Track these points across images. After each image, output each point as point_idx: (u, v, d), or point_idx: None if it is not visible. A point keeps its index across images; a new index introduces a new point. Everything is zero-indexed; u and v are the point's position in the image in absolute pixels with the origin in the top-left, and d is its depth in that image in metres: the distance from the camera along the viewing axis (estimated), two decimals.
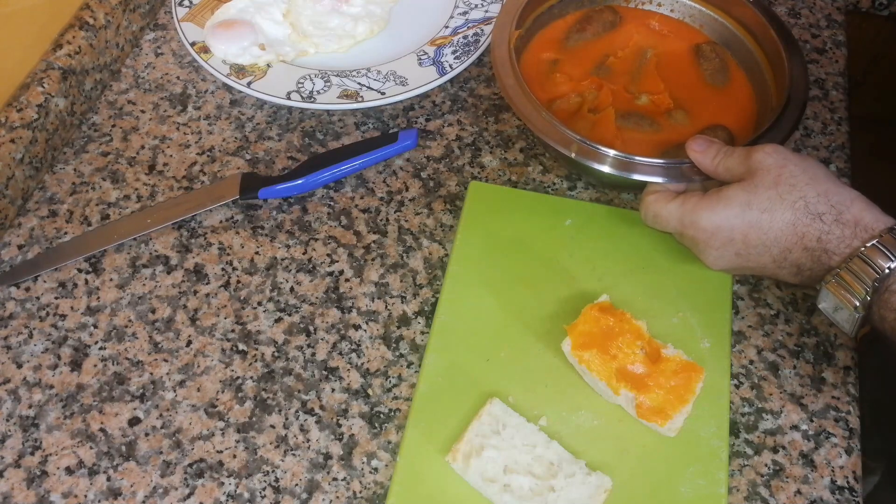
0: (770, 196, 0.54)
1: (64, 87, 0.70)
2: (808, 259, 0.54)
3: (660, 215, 0.59)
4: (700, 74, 0.71)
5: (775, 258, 0.55)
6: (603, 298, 0.59)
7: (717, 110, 0.69)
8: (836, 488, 0.55)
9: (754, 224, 0.54)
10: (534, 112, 0.63)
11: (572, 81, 0.70)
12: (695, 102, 0.69)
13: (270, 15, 0.79)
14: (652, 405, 0.54)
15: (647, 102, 0.69)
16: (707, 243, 0.57)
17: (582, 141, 0.61)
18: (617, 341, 0.56)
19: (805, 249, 0.54)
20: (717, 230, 0.56)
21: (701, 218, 0.56)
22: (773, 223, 0.54)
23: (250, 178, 0.69)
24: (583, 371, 0.57)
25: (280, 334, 0.62)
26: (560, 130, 0.62)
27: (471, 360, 0.59)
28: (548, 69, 0.71)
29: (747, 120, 0.68)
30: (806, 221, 0.53)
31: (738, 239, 0.56)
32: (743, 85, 0.71)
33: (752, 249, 0.56)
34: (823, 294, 0.54)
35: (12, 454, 0.56)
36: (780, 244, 0.54)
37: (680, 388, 0.55)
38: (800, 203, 0.53)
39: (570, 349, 0.57)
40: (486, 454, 0.53)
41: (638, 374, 0.56)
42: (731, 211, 0.55)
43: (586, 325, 0.57)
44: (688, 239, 0.59)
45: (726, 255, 0.57)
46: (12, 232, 0.67)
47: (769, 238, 0.54)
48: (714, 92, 0.70)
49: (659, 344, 0.57)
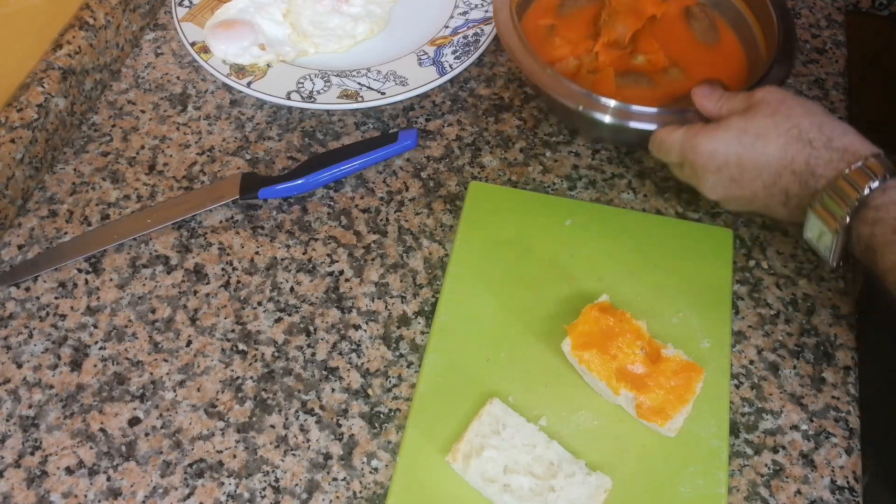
0: (766, 123, 0.56)
1: (64, 87, 0.70)
2: (795, 184, 0.55)
3: (664, 141, 0.61)
4: (691, 35, 0.74)
5: (766, 184, 0.56)
6: (603, 298, 0.59)
7: (710, 67, 0.71)
8: (836, 488, 0.55)
9: (748, 147, 0.56)
10: (539, 70, 0.66)
11: (570, 45, 0.72)
12: (689, 61, 0.72)
13: (270, 15, 0.79)
14: (652, 405, 0.54)
15: (643, 62, 0.72)
16: (704, 167, 0.58)
17: (588, 94, 0.64)
18: (617, 341, 0.56)
19: (793, 173, 0.55)
20: (713, 153, 0.57)
21: (700, 142, 0.58)
22: (765, 148, 0.55)
23: (250, 178, 0.69)
24: (583, 371, 0.57)
25: (280, 334, 0.62)
26: (566, 86, 0.64)
27: (471, 360, 0.59)
28: (546, 34, 0.73)
29: (739, 74, 0.71)
30: (797, 147, 0.54)
31: (733, 162, 0.57)
32: (732, 42, 0.74)
33: (745, 174, 0.57)
34: (809, 220, 0.55)
35: (12, 454, 0.56)
36: (770, 168, 0.55)
37: (680, 388, 0.55)
38: (793, 130, 0.55)
39: (570, 349, 0.57)
40: (486, 454, 0.53)
41: (638, 374, 0.56)
42: (728, 135, 0.57)
43: (586, 325, 0.57)
44: (687, 166, 0.60)
45: (722, 180, 0.58)
46: (12, 232, 0.67)
47: (761, 161, 0.56)
48: (706, 50, 0.73)
49: (659, 344, 0.57)
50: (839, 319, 0.63)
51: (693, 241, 0.65)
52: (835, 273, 0.64)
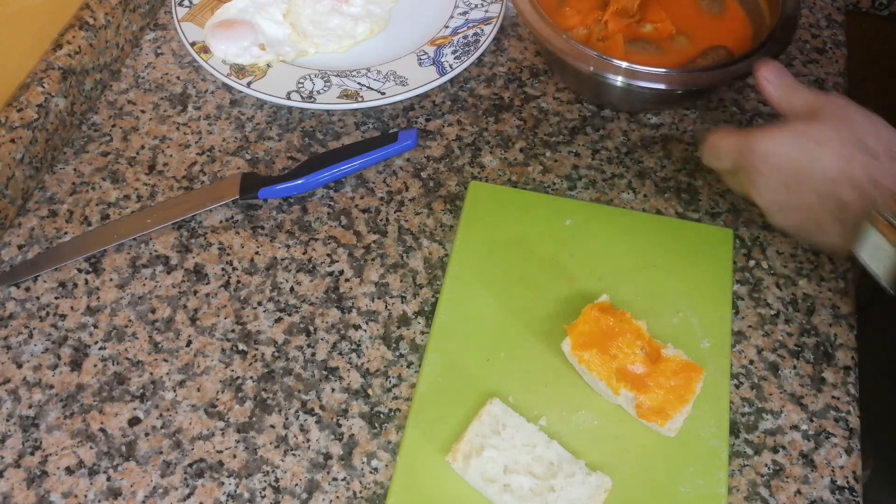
0: (827, 130, 0.53)
1: (64, 87, 0.70)
2: (853, 194, 0.52)
3: (719, 145, 0.59)
4: (697, 5, 0.76)
5: (820, 193, 0.53)
6: (603, 298, 0.59)
7: (716, 36, 0.74)
8: (836, 488, 0.55)
9: (807, 153, 0.53)
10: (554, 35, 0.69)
11: (580, 15, 0.75)
12: (695, 30, 0.74)
13: (270, 15, 0.79)
14: (652, 405, 0.54)
15: (651, 30, 0.74)
16: (758, 170, 0.55)
17: (599, 56, 0.67)
18: (617, 341, 0.56)
19: (852, 183, 0.52)
20: (769, 154, 0.55)
21: (757, 143, 0.55)
22: (823, 154, 0.53)
23: (250, 178, 0.69)
24: (583, 371, 0.57)
25: (280, 334, 0.62)
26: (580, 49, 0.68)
27: (471, 360, 0.59)
28: (557, 4, 0.75)
29: (744, 44, 0.73)
30: (858, 157, 0.52)
31: (789, 167, 0.54)
32: (737, 11, 0.76)
33: (800, 180, 0.54)
34: (865, 235, 0.51)
35: (12, 454, 0.56)
36: (827, 176, 0.53)
37: (680, 388, 0.55)
38: (855, 140, 0.52)
39: (570, 349, 0.56)
40: (486, 454, 0.53)
41: (638, 374, 0.55)
42: (786, 138, 0.54)
43: (586, 325, 0.57)
44: (741, 171, 0.58)
45: (773, 184, 0.55)
46: (12, 232, 0.67)
47: (818, 169, 0.53)
48: (711, 19, 0.75)
49: (659, 344, 0.57)
50: (839, 319, 0.63)
51: (693, 241, 0.65)
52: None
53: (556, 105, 0.76)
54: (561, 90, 0.77)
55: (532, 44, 0.80)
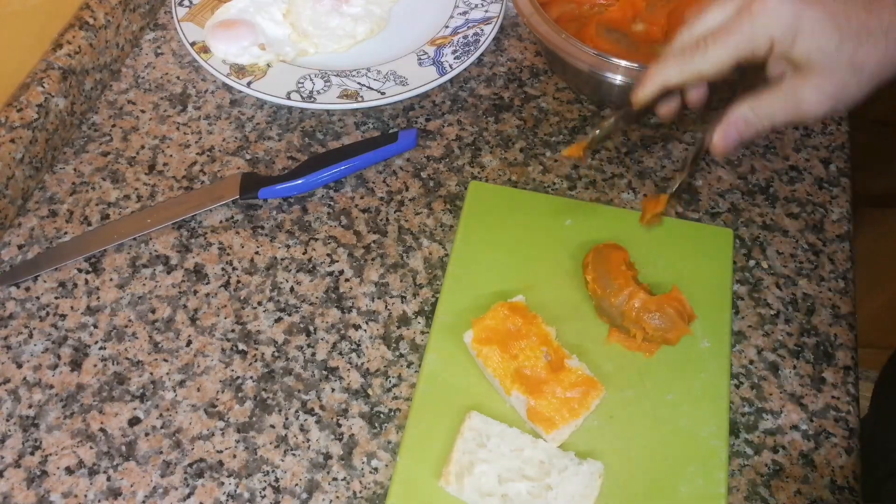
0: None
1: (64, 86, 0.70)
2: None
3: None
4: None
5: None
6: (517, 298, 0.59)
7: None
8: (836, 488, 0.55)
9: None
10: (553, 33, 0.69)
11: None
12: None
13: (270, 15, 0.79)
14: (542, 411, 0.54)
15: (641, 30, 0.74)
16: None
17: (598, 54, 0.67)
18: (521, 343, 0.56)
19: None
20: None
21: None
22: None
23: (250, 177, 0.69)
24: (481, 365, 0.57)
25: (280, 334, 0.62)
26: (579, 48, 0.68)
27: (471, 359, 0.59)
28: None
29: None
30: None
31: None
32: None
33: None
34: None
35: (12, 454, 0.56)
36: None
37: (574, 402, 0.55)
38: None
39: (470, 340, 0.57)
40: (477, 470, 0.53)
41: (535, 378, 0.55)
42: None
43: (492, 321, 0.57)
44: None
45: None
46: (12, 232, 0.67)
47: None
48: None
49: (565, 353, 0.57)
50: (839, 319, 0.63)
51: (693, 241, 0.65)
52: None
53: (556, 105, 0.76)
54: (561, 90, 0.77)
55: (532, 44, 0.80)
